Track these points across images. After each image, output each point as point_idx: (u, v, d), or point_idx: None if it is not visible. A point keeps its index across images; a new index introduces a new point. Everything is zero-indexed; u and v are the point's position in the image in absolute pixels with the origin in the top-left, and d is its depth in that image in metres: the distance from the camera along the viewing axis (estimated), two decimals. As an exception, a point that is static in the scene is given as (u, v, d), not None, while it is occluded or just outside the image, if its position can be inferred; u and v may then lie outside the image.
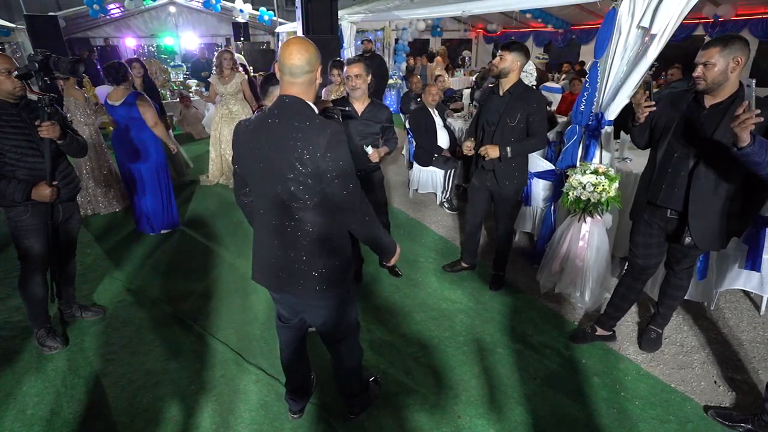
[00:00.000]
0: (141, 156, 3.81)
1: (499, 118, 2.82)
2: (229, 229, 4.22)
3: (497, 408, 2.20)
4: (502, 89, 2.84)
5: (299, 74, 1.47)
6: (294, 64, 1.45)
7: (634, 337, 2.70)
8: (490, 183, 2.99)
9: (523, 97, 2.78)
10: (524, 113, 2.78)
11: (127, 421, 2.13)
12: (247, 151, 1.56)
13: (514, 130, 2.80)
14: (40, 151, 2.27)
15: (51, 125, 2.21)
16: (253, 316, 2.91)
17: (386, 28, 10.92)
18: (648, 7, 2.64)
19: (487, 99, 2.97)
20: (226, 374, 2.41)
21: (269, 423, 2.11)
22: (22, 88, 2.22)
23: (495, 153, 2.76)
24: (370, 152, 2.77)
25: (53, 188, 2.30)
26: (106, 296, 3.13)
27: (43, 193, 2.26)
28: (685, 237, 2.17)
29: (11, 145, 2.20)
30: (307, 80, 1.49)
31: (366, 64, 2.76)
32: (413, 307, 3.01)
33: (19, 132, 2.23)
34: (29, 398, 2.26)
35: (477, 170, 3.06)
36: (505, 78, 2.79)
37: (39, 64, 2.21)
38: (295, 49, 1.45)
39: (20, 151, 2.23)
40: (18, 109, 2.24)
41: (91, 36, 10.72)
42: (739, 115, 1.61)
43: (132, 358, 2.53)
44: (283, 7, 14.85)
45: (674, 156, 2.14)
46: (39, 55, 2.22)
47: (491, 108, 2.89)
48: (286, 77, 1.48)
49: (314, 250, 1.60)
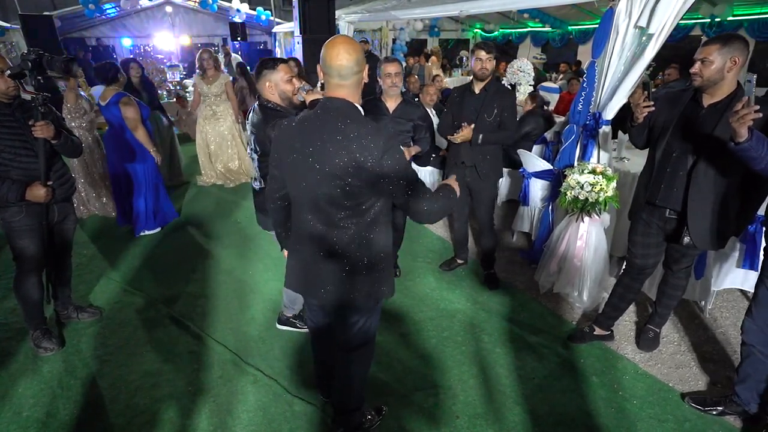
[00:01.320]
0: (131, 156, 3.78)
1: (477, 114, 2.89)
2: (226, 230, 4.20)
3: (495, 408, 2.20)
4: (478, 88, 2.92)
5: (348, 75, 1.40)
6: (342, 65, 1.37)
7: (632, 336, 2.70)
8: (469, 178, 3.03)
9: (498, 94, 2.89)
10: (500, 109, 2.88)
11: (124, 423, 2.11)
12: (289, 154, 1.50)
13: (491, 124, 2.90)
14: (34, 151, 2.25)
15: (45, 125, 2.19)
16: (251, 316, 2.90)
17: (383, 28, 10.90)
18: (645, 7, 2.65)
19: (462, 97, 3.00)
20: (224, 375, 2.40)
21: (267, 424, 2.10)
22: (15, 87, 2.20)
23: (467, 136, 2.84)
24: None
25: (48, 188, 2.28)
26: (103, 297, 3.11)
27: (37, 194, 2.24)
28: (683, 237, 2.17)
29: (5, 145, 2.18)
30: (355, 81, 1.43)
31: (401, 65, 2.89)
32: (411, 306, 3.01)
33: (13, 132, 2.21)
34: (25, 400, 2.24)
35: (455, 166, 3.07)
36: (482, 80, 2.88)
37: (32, 63, 2.19)
38: (342, 48, 1.37)
39: (14, 151, 2.21)
40: (12, 109, 2.22)
41: (86, 36, 10.66)
42: (738, 110, 1.61)
43: (129, 359, 2.52)
44: (281, 6, 14.81)
45: (673, 155, 2.14)
46: (32, 54, 2.20)
47: (467, 106, 2.96)
48: (334, 80, 1.41)
49: (349, 256, 1.55)
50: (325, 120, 1.43)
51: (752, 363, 1.99)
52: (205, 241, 3.97)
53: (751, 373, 2.00)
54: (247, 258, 3.65)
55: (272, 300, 3.06)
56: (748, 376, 2.02)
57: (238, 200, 4.96)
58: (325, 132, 1.42)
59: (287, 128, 1.53)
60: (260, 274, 3.40)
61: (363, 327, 1.74)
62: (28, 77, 2.22)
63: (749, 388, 2.03)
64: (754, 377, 2.00)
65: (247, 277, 3.37)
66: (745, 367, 2.02)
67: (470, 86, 2.96)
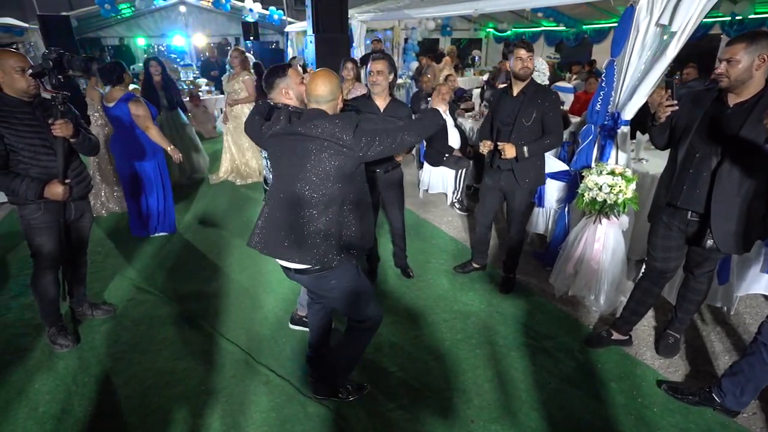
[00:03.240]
0: (140, 156, 3.76)
1: (515, 118, 2.80)
2: (239, 228, 4.21)
3: (511, 413, 2.16)
4: (516, 90, 2.81)
5: (323, 102, 1.78)
6: (319, 95, 1.76)
7: (651, 341, 2.64)
8: (504, 182, 2.95)
9: (537, 96, 2.77)
10: (539, 113, 2.76)
11: (137, 421, 2.11)
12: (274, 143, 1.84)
13: (530, 130, 2.79)
14: (53, 149, 2.27)
15: (64, 123, 2.21)
16: (263, 316, 2.89)
17: (395, 28, 10.87)
18: (668, 4, 2.58)
19: (499, 100, 2.93)
20: (237, 375, 2.39)
21: (280, 425, 2.09)
22: (36, 86, 2.22)
23: (512, 152, 2.73)
24: None
25: (66, 186, 2.30)
26: (117, 295, 3.13)
27: (55, 191, 2.26)
28: (706, 239, 2.11)
29: (26, 144, 2.21)
30: (330, 106, 1.80)
31: (390, 63, 2.81)
32: (424, 308, 2.98)
33: (33, 131, 2.23)
34: (41, 396, 2.26)
35: (491, 170, 3.02)
36: (523, 80, 2.78)
37: (53, 62, 2.20)
38: (320, 81, 1.76)
39: (34, 149, 2.23)
40: (32, 108, 2.24)
41: (102, 36, 10.81)
42: None
43: (142, 357, 2.52)
44: (293, 6, 14.86)
45: (696, 156, 2.08)
46: (53, 54, 2.21)
47: (505, 109, 2.87)
48: (312, 104, 1.79)
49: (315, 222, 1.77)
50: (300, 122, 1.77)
51: (752, 361, 1.96)
52: (218, 240, 3.98)
53: (746, 369, 1.98)
54: (256, 257, 3.64)
55: (285, 299, 3.05)
56: (741, 372, 2.00)
57: (251, 198, 4.97)
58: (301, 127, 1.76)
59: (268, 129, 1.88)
60: (273, 274, 3.39)
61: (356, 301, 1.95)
62: (48, 76, 2.23)
63: (736, 383, 2.02)
64: (746, 374, 1.98)
65: (260, 276, 3.37)
66: (743, 364, 2.00)
67: (508, 89, 2.86)
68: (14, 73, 2.15)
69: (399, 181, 3.08)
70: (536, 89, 2.80)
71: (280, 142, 1.81)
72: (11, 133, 2.17)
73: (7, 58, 2.15)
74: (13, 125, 2.17)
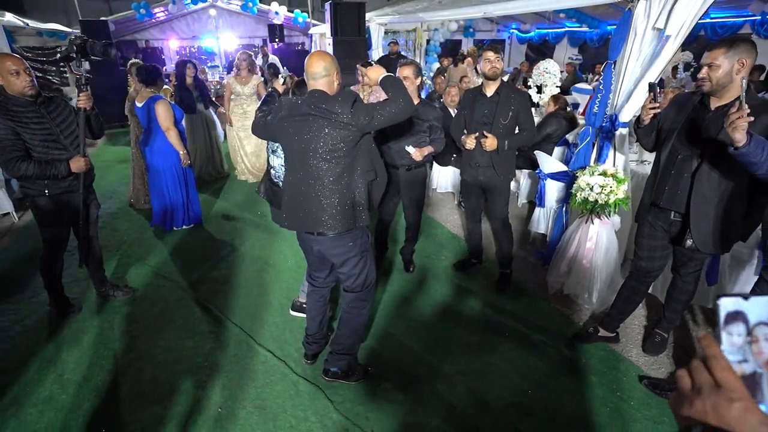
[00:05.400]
0: (163, 154, 3.97)
1: (493, 117, 2.90)
2: (253, 222, 4.45)
3: (492, 401, 2.27)
4: (490, 91, 2.92)
5: (318, 77, 1.97)
6: (314, 71, 1.97)
7: (639, 340, 2.68)
8: (483, 177, 3.04)
9: (510, 96, 2.89)
10: (515, 111, 2.87)
11: (148, 389, 2.34)
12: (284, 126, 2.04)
13: (507, 127, 2.90)
14: (62, 144, 2.53)
15: (87, 96, 2.54)
16: (267, 302, 3.09)
17: (418, 29, 10.97)
18: (663, 8, 2.62)
19: (473, 100, 3.01)
20: (238, 354, 2.59)
21: (273, 399, 2.27)
22: (32, 87, 2.44)
23: (494, 144, 2.84)
24: (412, 152, 2.91)
25: (86, 158, 2.61)
26: (137, 279, 3.40)
27: (79, 164, 2.56)
28: (686, 239, 2.16)
29: (38, 140, 2.47)
30: (324, 81, 1.98)
31: (417, 68, 2.97)
32: (421, 301, 3.11)
33: (42, 127, 2.48)
34: (66, 365, 2.52)
35: (470, 168, 3.09)
36: (494, 80, 2.89)
37: (77, 47, 2.51)
38: (314, 60, 1.98)
39: (46, 145, 2.49)
40: (36, 106, 2.48)
41: (138, 38, 11.39)
42: (730, 116, 1.61)
43: (155, 335, 2.76)
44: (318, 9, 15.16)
45: (678, 158, 2.14)
46: (78, 40, 2.52)
47: (480, 108, 2.97)
48: (310, 81, 2.00)
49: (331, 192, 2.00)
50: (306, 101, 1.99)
51: None
52: (233, 232, 4.22)
53: None
54: (268, 249, 3.87)
55: (288, 288, 3.25)
56: None
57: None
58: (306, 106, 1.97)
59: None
60: (279, 264, 3.59)
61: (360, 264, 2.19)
62: (75, 59, 2.54)
63: None
64: None
65: (267, 266, 3.58)
66: None
67: (482, 89, 2.98)
68: (9, 76, 2.36)
69: (421, 181, 3.19)
70: (509, 90, 2.92)
71: (289, 124, 2.01)
72: (25, 132, 2.42)
73: (3, 62, 2.36)
74: (25, 124, 2.42)
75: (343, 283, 2.29)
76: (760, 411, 0.47)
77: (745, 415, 0.46)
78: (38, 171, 2.45)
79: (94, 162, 2.84)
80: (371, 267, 2.25)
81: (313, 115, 1.94)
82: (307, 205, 2.03)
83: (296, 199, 2.07)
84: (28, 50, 8.74)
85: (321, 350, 2.53)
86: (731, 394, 0.48)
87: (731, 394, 0.48)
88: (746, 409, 0.47)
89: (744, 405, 0.47)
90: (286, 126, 2.03)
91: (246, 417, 2.18)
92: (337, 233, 2.04)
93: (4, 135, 2.36)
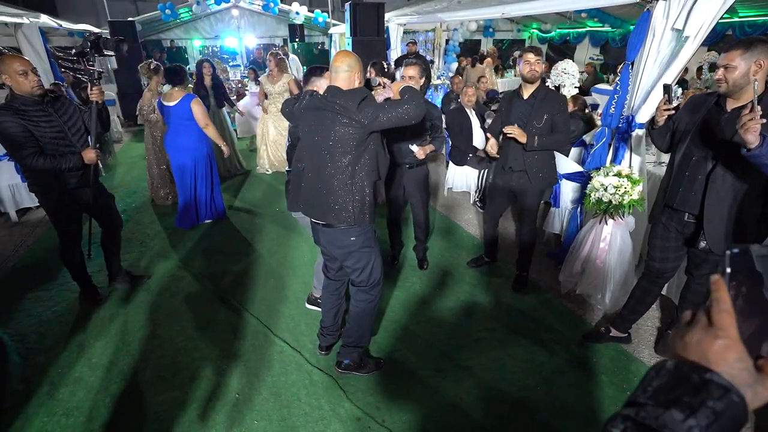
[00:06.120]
0: (192, 151, 4.10)
1: (526, 121, 2.90)
2: (271, 217, 4.57)
3: (499, 394, 2.31)
4: (527, 93, 2.91)
5: (340, 72, 2.09)
6: (337, 65, 2.09)
7: (652, 341, 2.68)
8: (515, 183, 3.05)
9: (547, 99, 2.86)
10: (549, 115, 2.85)
11: (169, 375, 2.46)
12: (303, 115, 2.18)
13: (541, 131, 2.88)
14: (71, 141, 2.67)
15: (99, 90, 2.70)
16: (284, 296, 3.19)
17: (437, 29, 10.99)
18: (683, 9, 2.61)
19: (510, 103, 3.03)
20: (255, 344, 2.69)
21: (288, 388, 2.36)
22: (39, 87, 2.56)
23: (522, 138, 2.82)
24: (415, 150, 2.99)
25: (96, 150, 2.74)
26: (160, 271, 3.54)
27: (90, 156, 2.70)
28: (700, 241, 2.16)
29: (49, 138, 2.59)
30: (345, 77, 2.09)
31: (422, 68, 3.02)
32: (433, 297, 3.16)
33: (52, 126, 2.60)
34: (95, 350, 2.66)
35: (503, 171, 3.12)
36: (532, 83, 2.87)
37: (91, 43, 2.68)
38: (339, 57, 2.12)
39: (56, 142, 2.62)
40: (45, 105, 2.60)
41: (163, 38, 11.72)
42: (743, 117, 1.62)
43: (176, 324, 2.89)
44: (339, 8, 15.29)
45: (692, 159, 2.14)
46: (92, 36, 2.69)
47: (516, 112, 2.97)
48: (332, 75, 2.12)
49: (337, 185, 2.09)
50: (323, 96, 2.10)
51: None
52: (252, 227, 4.35)
53: None
54: (285, 245, 3.97)
55: (304, 282, 3.34)
56: None
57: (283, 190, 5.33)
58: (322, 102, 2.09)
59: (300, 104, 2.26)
60: (297, 259, 3.69)
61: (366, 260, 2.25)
62: (89, 54, 2.72)
63: None
64: None
65: (285, 260, 3.69)
66: None
67: (519, 91, 2.97)
68: (17, 76, 2.47)
69: (423, 178, 3.27)
70: (546, 92, 2.89)
71: (309, 116, 2.14)
72: (36, 129, 2.53)
73: (11, 63, 2.46)
74: (35, 122, 2.53)
75: (350, 276, 2.36)
76: (741, 349, 0.49)
77: (725, 351, 0.48)
78: (54, 164, 2.57)
79: (120, 158, 3.00)
80: (377, 263, 2.29)
81: (324, 109, 2.05)
82: (316, 195, 2.14)
83: (308, 188, 2.20)
84: (60, 50, 9.07)
85: (335, 342, 2.60)
86: (719, 332, 0.49)
87: (719, 332, 0.49)
88: (727, 346, 0.48)
89: (726, 342, 0.48)
90: (305, 116, 2.17)
91: (262, 403, 2.27)
92: (340, 228, 2.13)
93: (18, 132, 2.46)
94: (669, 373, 0.49)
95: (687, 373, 0.48)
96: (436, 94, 9.52)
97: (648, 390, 0.49)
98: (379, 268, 2.32)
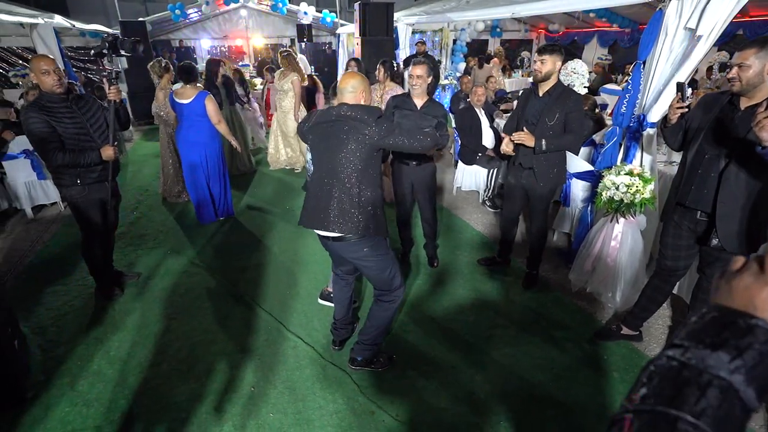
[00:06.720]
0: (205, 148, 4.15)
1: (539, 117, 2.91)
2: (282, 214, 4.62)
3: (511, 390, 2.33)
4: (542, 91, 2.92)
5: (346, 93, 2.19)
6: (344, 87, 2.19)
7: (663, 339, 2.69)
8: (525, 181, 3.07)
9: (561, 97, 2.86)
10: (562, 113, 2.85)
11: (185, 368, 2.50)
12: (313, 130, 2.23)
13: (553, 129, 2.87)
14: (91, 137, 2.73)
15: (117, 89, 2.76)
16: (296, 292, 3.23)
17: (444, 29, 11.01)
18: (696, 8, 2.62)
19: (526, 100, 3.05)
20: (269, 339, 2.73)
21: (302, 382, 2.40)
22: (60, 84, 2.63)
23: (530, 141, 2.83)
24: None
25: (115, 147, 2.80)
26: (174, 268, 3.59)
27: (109, 153, 2.75)
28: (712, 239, 2.17)
29: (71, 134, 2.66)
30: (352, 96, 2.18)
31: (429, 67, 3.08)
32: (444, 294, 3.18)
33: (74, 122, 2.68)
34: (113, 343, 2.71)
35: (514, 168, 3.15)
36: (546, 81, 2.88)
37: (109, 44, 2.77)
38: (345, 79, 2.21)
39: (78, 138, 2.69)
40: (68, 102, 2.68)
41: (172, 38, 11.83)
42: (758, 115, 1.63)
43: (191, 319, 2.93)
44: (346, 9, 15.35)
45: (705, 157, 2.15)
46: (109, 37, 2.79)
47: (531, 109, 2.98)
48: (339, 95, 2.22)
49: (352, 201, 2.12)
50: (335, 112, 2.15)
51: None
52: (263, 224, 4.39)
53: None
54: (296, 242, 4.01)
55: (316, 278, 3.37)
56: None
57: (295, 187, 5.40)
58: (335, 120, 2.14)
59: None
60: (308, 256, 3.73)
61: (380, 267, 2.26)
62: (107, 54, 2.81)
63: None
64: None
65: (297, 256, 3.73)
66: None
67: (536, 89, 2.98)
68: (42, 75, 2.57)
69: (430, 176, 3.30)
70: (561, 90, 2.89)
71: (319, 130, 2.17)
72: (59, 125, 2.61)
73: (37, 63, 2.59)
74: (59, 118, 2.62)
75: (371, 283, 2.39)
76: None
77: None
78: (73, 160, 2.64)
79: (131, 157, 3.06)
80: (394, 270, 2.29)
81: (339, 121, 2.09)
82: (326, 207, 2.12)
83: (317, 200, 2.18)
84: (72, 50, 9.21)
85: (348, 337, 2.64)
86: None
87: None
88: None
89: None
90: (315, 130, 2.21)
91: (277, 396, 2.31)
92: (352, 240, 2.14)
93: (42, 128, 2.56)
94: (714, 319, 0.51)
95: (733, 318, 0.50)
96: (443, 94, 9.54)
97: (692, 333, 0.51)
98: (399, 271, 2.33)
